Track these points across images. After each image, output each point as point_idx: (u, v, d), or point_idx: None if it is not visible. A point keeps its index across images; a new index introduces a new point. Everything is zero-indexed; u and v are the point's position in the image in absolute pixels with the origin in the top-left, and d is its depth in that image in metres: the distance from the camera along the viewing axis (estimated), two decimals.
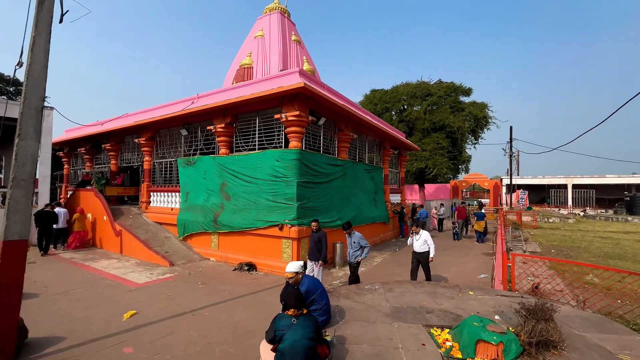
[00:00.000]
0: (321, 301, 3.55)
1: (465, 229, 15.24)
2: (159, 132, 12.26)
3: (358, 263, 6.30)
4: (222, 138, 9.94)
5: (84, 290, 6.59)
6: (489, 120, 23.44)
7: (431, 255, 6.80)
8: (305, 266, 3.87)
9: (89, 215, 11.98)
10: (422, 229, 7.40)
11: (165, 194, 11.82)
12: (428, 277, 7.07)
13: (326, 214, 9.40)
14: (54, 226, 10.53)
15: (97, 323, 4.98)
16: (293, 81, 8.08)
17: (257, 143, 9.43)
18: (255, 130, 9.52)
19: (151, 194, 12.38)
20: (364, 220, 11.72)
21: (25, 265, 3.79)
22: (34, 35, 3.84)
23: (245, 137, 9.82)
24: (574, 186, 28.60)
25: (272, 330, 2.58)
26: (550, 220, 18.78)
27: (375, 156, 14.51)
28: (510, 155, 26.10)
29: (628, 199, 21.61)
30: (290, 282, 3.69)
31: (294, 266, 3.67)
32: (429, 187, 34.90)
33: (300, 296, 2.69)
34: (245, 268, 8.39)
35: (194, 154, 10.95)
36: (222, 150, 10.00)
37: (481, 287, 5.85)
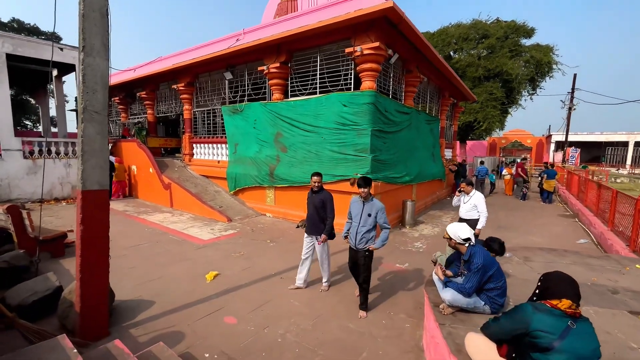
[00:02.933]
0: (500, 278, 2.62)
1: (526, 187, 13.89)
2: (199, 76, 11.09)
3: (369, 253, 3.66)
4: (275, 81, 8.69)
5: (151, 246, 6.08)
6: (554, 66, 20.43)
7: (479, 226, 4.88)
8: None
9: (134, 167, 11.50)
10: (478, 189, 5.40)
11: (210, 145, 11.00)
12: None
13: (394, 168, 8.34)
14: None
15: (180, 285, 4.40)
16: (372, 2, 6.51)
17: (318, 85, 8.14)
18: (315, 70, 8.17)
19: (194, 145, 11.62)
20: (425, 176, 10.61)
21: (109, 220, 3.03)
22: None
23: (302, 79, 8.52)
24: (636, 144, 25.79)
25: (520, 326, 1.63)
26: (618, 181, 16.97)
27: (434, 106, 12.88)
28: (570, 108, 23.37)
29: None
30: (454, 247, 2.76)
31: (465, 231, 2.71)
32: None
33: (577, 285, 1.72)
34: None
35: (241, 101, 9.83)
36: (275, 95, 8.82)
37: (607, 255, 4.80)
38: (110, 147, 12.52)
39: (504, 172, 14.64)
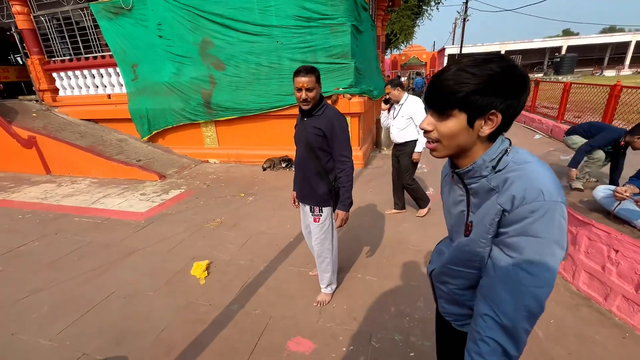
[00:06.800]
0: None
1: None
2: None
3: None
4: None
5: (50, 243, 3.51)
6: None
7: (417, 149, 3.30)
8: None
9: None
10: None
11: (87, 72, 7.20)
12: (404, 187, 3.64)
13: (365, 80, 6.90)
14: None
15: (155, 302, 2.45)
16: None
17: None
18: None
19: (55, 76, 7.49)
20: (380, 92, 9.56)
21: None
22: None
23: None
24: (507, 52, 30.12)
25: None
26: None
27: (370, 11, 11.22)
28: (464, 20, 24.87)
29: (558, 59, 23.77)
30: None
31: None
32: None
33: None
34: (282, 165, 5.95)
35: None
36: None
37: None
38: None
39: None
